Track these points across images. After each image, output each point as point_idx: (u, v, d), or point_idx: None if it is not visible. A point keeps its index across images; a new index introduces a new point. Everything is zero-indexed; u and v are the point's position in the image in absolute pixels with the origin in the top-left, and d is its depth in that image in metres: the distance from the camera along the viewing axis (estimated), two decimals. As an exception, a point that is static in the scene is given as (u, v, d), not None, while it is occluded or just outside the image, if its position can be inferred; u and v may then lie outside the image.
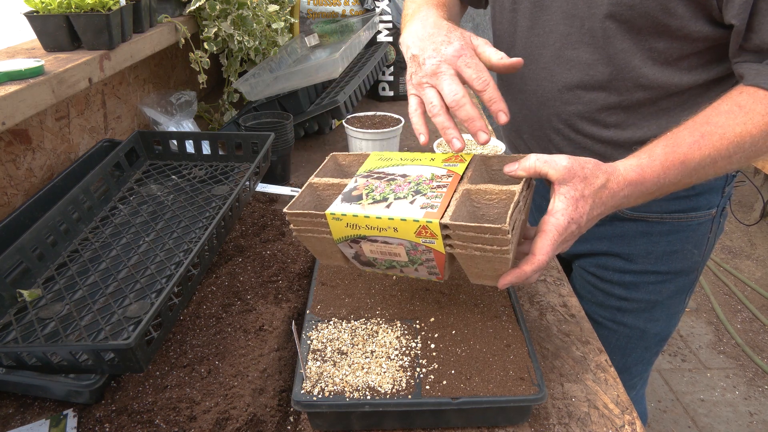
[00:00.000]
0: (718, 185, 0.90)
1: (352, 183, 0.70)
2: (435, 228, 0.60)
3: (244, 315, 0.78)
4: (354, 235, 0.65)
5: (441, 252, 0.62)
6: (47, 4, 0.98)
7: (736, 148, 0.66)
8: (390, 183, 0.68)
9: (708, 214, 0.91)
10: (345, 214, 0.63)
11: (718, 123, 0.66)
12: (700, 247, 0.93)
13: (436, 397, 0.61)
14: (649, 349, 1.02)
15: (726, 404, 2.05)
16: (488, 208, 0.66)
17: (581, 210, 0.61)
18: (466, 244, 0.59)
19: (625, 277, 0.96)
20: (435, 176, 0.67)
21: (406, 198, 0.64)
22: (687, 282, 0.96)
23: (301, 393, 0.61)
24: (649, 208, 0.89)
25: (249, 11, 1.33)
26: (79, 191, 0.89)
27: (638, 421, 0.66)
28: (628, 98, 0.80)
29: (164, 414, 0.63)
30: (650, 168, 0.65)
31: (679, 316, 1.00)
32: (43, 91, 0.85)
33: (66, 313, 0.74)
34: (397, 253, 0.64)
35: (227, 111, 1.49)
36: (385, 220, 0.61)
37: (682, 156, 0.65)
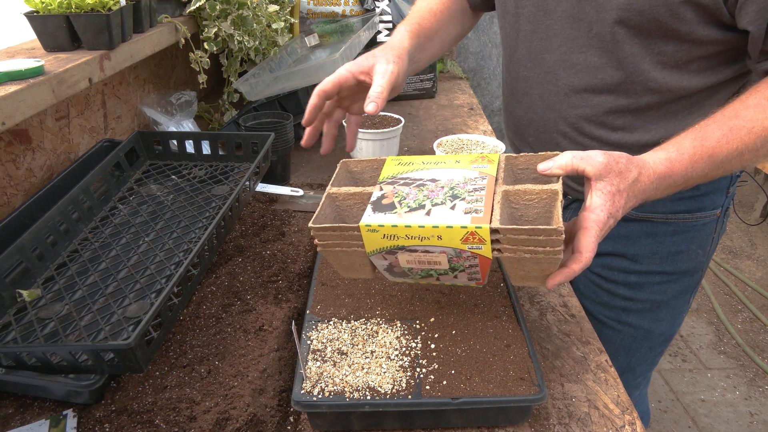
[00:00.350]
0: (723, 185, 0.90)
1: (378, 191, 0.66)
2: (485, 234, 0.57)
3: (244, 315, 0.78)
4: (391, 247, 0.62)
5: (487, 257, 0.60)
6: (47, 4, 0.98)
7: (763, 142, 0.67)
8: (421, 189, 0.65)
9: (713, 214, 0.91)
10: (383, 225, 0.60)
11: (746, 117, 0.67)
12: (704, 247, 0.94)
13: (436, 397, 0.60)
14: (654, 349, 1.03)
15: (726, 404, 2.05)
16: (527, 209, 0.65)
17: (618, 204, 0.62)
18: (516, 247, 0.58)
19: (630, 277, 0.96)
20: (468, 179, 0.65)
21: (444, 204, 0.61)
22: (692, 282, 0.97)
23: (301, 393, 0.61)
24: (654, 209, 0.90)
25: (249, 11, 1.33)
26: (79, 191, 0.89)
27: (638, 422, 0.66)
28: (637, 101, 0.80)
29: (164, 414, 0.63)
30: (679, 162, 0.66)
31: (683, 316, 1.01)
32: (43, 91, 0.85)
33: (66, 313, 0.74)
34: (438, 262, 0.62)
35: (227, 111, 1.49)
36: (428, 228, 0.58)
37: (710, 150, 0.66)
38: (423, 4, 0.96)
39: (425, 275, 0.65)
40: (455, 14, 0.98)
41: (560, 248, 0.57)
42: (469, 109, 1.70)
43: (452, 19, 0.97)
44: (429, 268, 0.64)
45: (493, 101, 2.72)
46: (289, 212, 1.08)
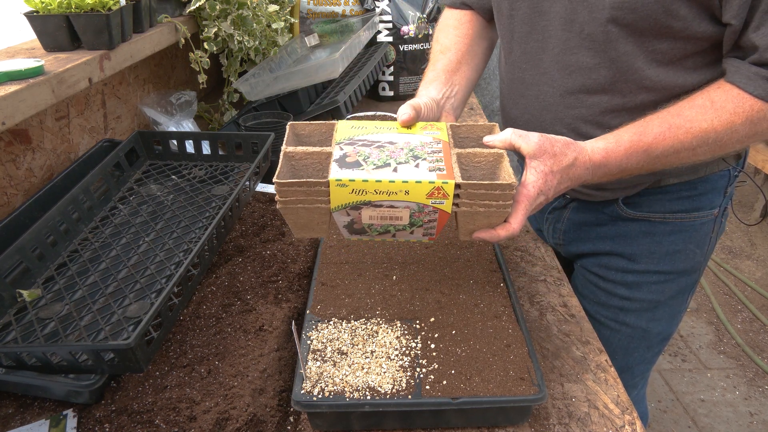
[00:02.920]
0: (720, 185, 0.90)
1: (339, 150, 0.68)
2: (449, 188, 0.63)
3: (244, 315, 0.78)
4: (357, 202, 0.64)
5: (446, 212, 0.65)
6: (47, 4, 0.98)
7: (699, 142, 0.71)
8: (382, 149, 0.68)
9: (710, 214, 0.92)
10: (353, 180, 0.62)
11: (687, 117, 0.71)
12: (702, 246, 0.94)
13: (436, 397, 0.61)
14: (651, 349, 1.03)
15: (726, 404, 2.05)
16: (475, 170, 0.70)
17: (549, 183, 0.68)
18: (473, 201, 0.64)
19: (627, 276, 0.96)
20: (424, 143, 0.70)
21: (407, 163, 0.65)
22: (689, 282, 0.97)
23: (301, 393, 0.61)
24: (651, 208, 0.91)
25: (249, 11, 1.33)
26: (79, 191, 0.89)
27: (638, 422, 0.66)
28: (632, 100, 0.80)
29: (164, 414, 0.63)
30: (615, 152, 0.71)
31: (681, 315, 1.01)
32: (43, 91, 0.85)
33: (66, 313, 0.74)
34: (400, 217, 0.66)
35: (227, 111, 1.49)
36: (398, 183, 0.62)
37: (646, 145, 0.71)
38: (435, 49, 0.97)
39: (383, 231, 0.69)
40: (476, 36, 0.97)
41: (510, 202, 0.64)
42: (469, 109, 1.70)
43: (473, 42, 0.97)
44: (389, 224, 0.67)
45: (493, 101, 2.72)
46: (289, 212, 1.08)
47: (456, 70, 0.92)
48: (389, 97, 1.75)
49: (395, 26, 1.67)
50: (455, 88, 0.90)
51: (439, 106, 0.85)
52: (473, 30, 0.97)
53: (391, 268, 0.82)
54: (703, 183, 0.89)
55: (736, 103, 0.70)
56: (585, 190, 0.93)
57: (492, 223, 0.67)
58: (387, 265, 0.83)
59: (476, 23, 0.98)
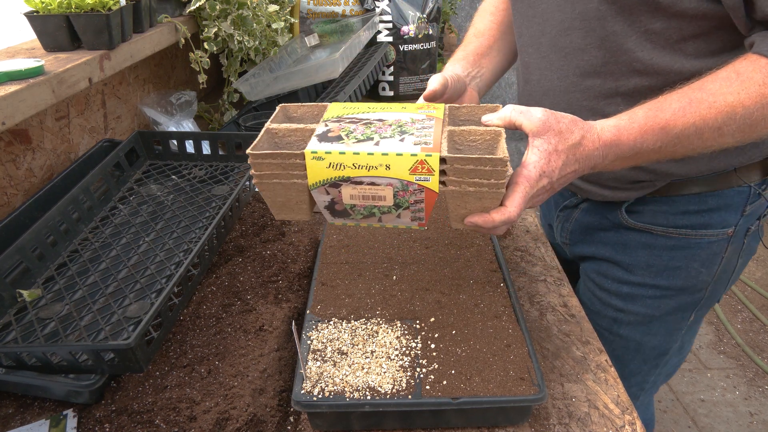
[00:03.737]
0: (737, 203, 0.83)
1: (322, 127, 0.64)
2: (434, 162, 0.57)
3: (244, 315, 0.78)
4: (335, 177, 0.59)
5: (433, 191, 0.59)
6: (47, 4, 0.98)
7: (726, 119, 0.62)
8: (368, 126, 0.63)
9: (722, 233, 0.84)
10: (330, 152, 0.58)
11: (711, 90, 0.63)
12: (709, 266, 0.87)
13: (436, 397, 0.61)
14: (647, 362, 0.99)
15: (726, 404, 2.05)
16: (471, 150, 0.64)
17: (554, 164, 0.60)
18: (461, 179, 0.58)
19: (623, 287, 0.93)
20: (415, 120, 0.65)
21: (393, 137, 0.60)
22: (691, 300, 0.91)
23: (301, 393, 0.61)
24: (654, 220, 0.86)
25: (249, 11, 1.33)
26: (79, 191, 0.89)
27: (638, 422, 0.66)
28: (625, 84, 0.76)
29: (164, 414, 0.63)
30: (627, 130, 0.63)
31: (680, 333, 0.96)
32: (43, 91, 0.85)
33: (66, 313, 0.74)
34: (383, 196, 0.61)
35: (227, 111, 1.49)
36: (377, 156, 0.57)
37: (663, 122, 0.63)
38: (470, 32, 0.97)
39: (368, 214, 0.64)
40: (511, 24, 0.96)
41: (504, 181, 0.57)
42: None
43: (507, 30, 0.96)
44: (373, 204, 0.62)
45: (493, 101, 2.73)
46: (289, 212, 1.08)
47: (485, 54, 0.91)
48: (389, 97, 1.75)
49: (395, 26, 1.67)
50: (482, 70, 0.89)
51: (463, 82, 0.82)
52: (509, 18, 0.95)
53: (391, 268, 0.82)
54: (715, 198, 0.82)
55: (765, 73, 0.61)
56: (597, 189, 0.90)
57: (485, 206, 0.60)
58: (387, 265, 0.83)
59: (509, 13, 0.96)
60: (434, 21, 1.72)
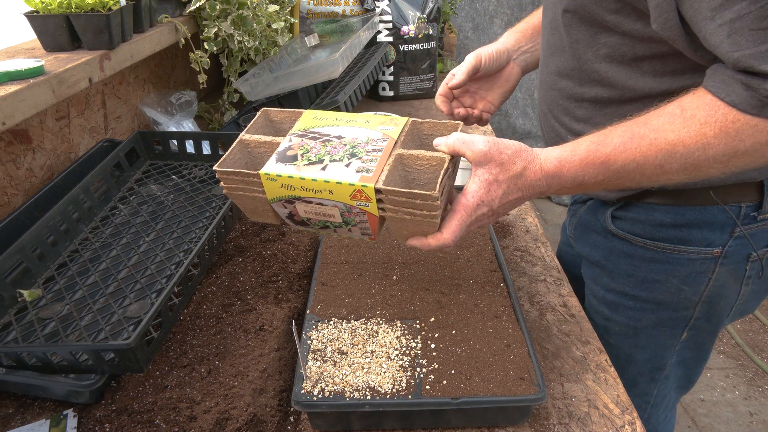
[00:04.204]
0: (722, 221, 0.78)
1: (286, 142, 0.69)
2: (370, 192, 0.61)
3: (244, 315, 0.78)
4: (289, 196, 0.65)
5: (375, 215, 0.64)
6: (47, 4, 0.98)
7: (666, 157, 0.61)
8: (325, 144, 0.68)
9: (706, 252, 0.80)
10: (280, 175, 0.63)
11: (653, 126, 0.61)
12: (693, 285, 0.83)
13: (436, 397, 0.61)
14: (643, 375, 0.95)
15: (726, 404, 2.05)
16: (419, 173, 0.67)
17: (494, 193, 0.63)
18: (397, 208, 0.62)
19: (608, 295, 0.92)
20: (371, 139, 0.68)
21: (341, 161, 0.64)
22: (675, 317, 0.87)
23: (301, 393, 0.61)
24: (633, 230, 0.84)
25: (249, 11, 1.33)
26: (79, 191, 0.89)
27: (638, 422, 0.66)
28: (588, 91, 0.77)
29: (164, 414, 0.63)
30: (569, 163, 0.64)
31: (673, 349, 0.92)
32: (43, 91, 0.85)
33: (66, 313, 0.74)
34: (332, 215, 0.66)
35: (227, 111, 1.49)
36: (320, 182, 0.62)
37: (604, 156, 0.63)
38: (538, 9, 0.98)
39: (323, 226, 0.69)
40: None
41: (436, 213, 0.61)
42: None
43: None
44: (325, 219, 0.68)
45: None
46: (289, 212, 1.08)
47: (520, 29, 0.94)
48: (389, 97, 1.76)
49: (395, 26, 1.67)
50: (535, 46, 0.92)
51: (508, 55, 0.89)
52: None
53: (391, 268, 0.82)
54: (694, 212, 0.79)
55: (708, 112, 0.59)
56: None
57: (423, 230, 0.64)
58: (387, 265, 0.83)
59: None
60: (434, 21, 1.72)
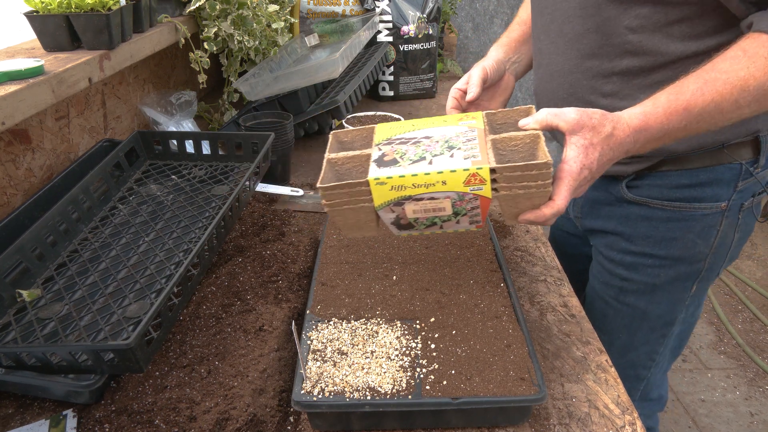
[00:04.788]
0: (727, 178, 0.89)
1: (377, 152, 0.71)
2: (485, 174, 0.63)
3: (244, 315, 0.78)
4: (398, 198, 0.66)
5: (487, 197, 0.65)
6: (47, 4, 0.98)
7: (740, 92, 0.69)
8: (417, 145, 0.70)
9: (715, 206, 0.91)
10: (390, 177, 0.65)
11: (722, 69, 0.69)
12: (705, 238, 0.94)
13: (437, 398, 0.60)
14: (655, 331, 1.05)
15: (727, 404, 2.05)
16: (513, 153, 0.70)
17: (591, 157, 0.67)
18: (511, 184, 0.64)
19: (626, 257, 1.00)
20: (459, 133, 0.71)
21: (443, 154, 0.66)
22: (690, 271, 0.97)
23: (301, 393, 0.61)
24: (650, 194, 0.93)
25: (249, 11, 1.33)
26: (78, 191, 0.89)
27: (638, 422, 0.66)
28: (618, 64, 0.83)
29: (164, 414, 0.63)
30: (653, 115, 0.70)
31: (683, 304, 1.02)
32: (42, 91, 0.85)
33: (65, 313, 0.74)
34: (442, 208, 0.67)
35: (227, 111, 1.49)
36: (433, 175, 0.64)
37: (685, 103, 0.69)
38: (514, 21, 1.08)
39: (430, 224, 0.70)
40: None
41: (549, 181, 0.63)
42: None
43: None
44: (434, 215, 0.68)
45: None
46: (289, 212, 1.08)
47: (525, 42, 1.03)
48: (389, 97, 1.75)
49: (395, 26, 1.67)
50: (521, 56, 1.02)
51: (504, 66, 0.96)
52: None
53: (391, 268, 0.82)
54: (706, 172, 0.89)
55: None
56: None
57: (535, 203, 0.67)
58: (387, 265, 0.83)
59: None
60: (434, 21, 1.72)
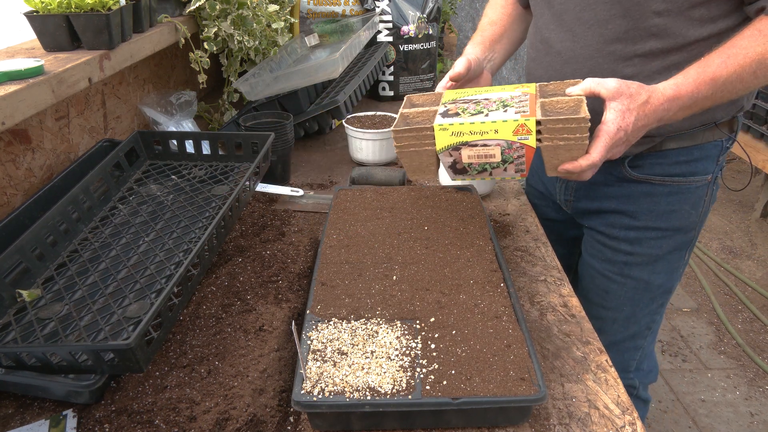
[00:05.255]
0: (713, 154, 1.02)
1: (442, 108, 0.84)
2: (531, 125, 0.75)
3: (244, 315, 0.78)
4: (457, 143, 0.79)
5: (532, 147, 0.76)
6: (47, 4, 0.98)
7: (758, 65, 0.80)
8: (477, 104, 0.82)
9: (704, 179, 1.03)
10: (452, 124, 0.78)
11: (741, 45, 0.81)
12: (696, 208, 1.05)
13: (437, 398, 0.60)
14: (655, 300, 1.14)
15: (726, 404, 2.05)
16: (558, 113, 0.79)
17: (628, 120, 0.77)
18: (552, 136, 0.75)
19: (629, 233, 1.07)
20: (513, 96, 0.83)
21: (498, 110, 0.79)
22: (685, 239, 1.08)
23: (301, 393, 0.61)
24: (653, 171, 1.02)
25: (249, 11, 1.33)
26: (78, 191, 0.89)
27: (638, 422, 0.66)
28: (642, 47, 0.91)
29: (164, 414, 0.63)
30: (685, 85, 0.80)
31: (680, 271, 1.13)
32: (42, 91, 0.85)
33: (66, 313, 0.74)
34: (493, 154, 0.79)
35: (227, 111, 1.49)
36: (488, 123, 0.76)
37: (712, 74, 0.80)
38: (484, 20, 1.17)
39: (481, 170, 0.82)
40: (517, 17, 1.17)
41: (587, 135, 0.74)
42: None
43: (514, 21, 1.16)
44: (485, 161, 0.80)
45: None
46: (289, 212, 1.08)
47: (498, 41, 1.13)
48: (389, 97, 1.75)
49: (395, 26, 1.67)
50: (495, 54, 1.12)
51: (481, 64, 1.04)
52: (515, 12, 1.16)
53: (391, 268, 0.82)
54: (699, 150, 1.00)
55: None
56: None
57: (573, 156, 0.76)
58: (387, 265, 0.83)
59: (517, 7, 1.17)
60: (434, 21, 1.72)
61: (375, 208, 0.98)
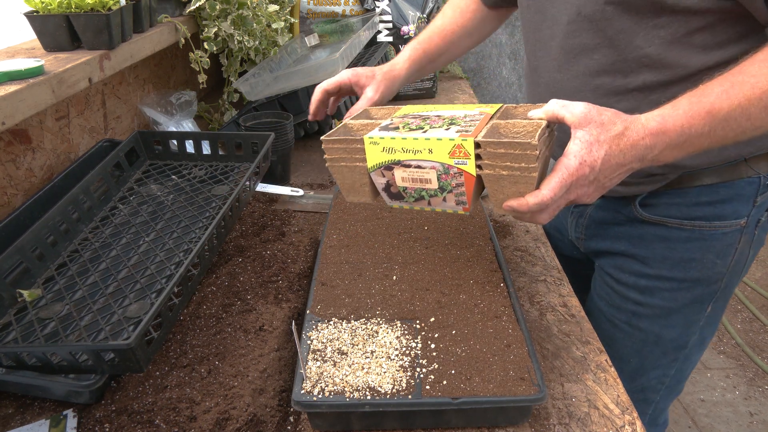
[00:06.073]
0: (748, 193, 0.84)
1: (388, 121, 0.75)
2: (469, 146, 0.63)
3: (244, 315, 0.78)
4: (388, 161, 0.69)
5: (471, 174, 0.65)
6: (47, 4, 0.98)
7: None
8: (425, 120, 0.73)
9: (735, 224, 0.86)
10: (383, 138, 0.68)
11: (751, 72, 0.63)
12: (724, 258, 0.88)
13: (436, 397, 0.61)
14: (667, 355, 0.99)
15: (726, 404, 2.05)
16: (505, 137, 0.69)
17: (596, 154, 0.62)
18: (494, 163, 0.63)
19: (640, 281, 0.94)
20: (468, 114, 0.73)
21: (441, 128, 0.69)
22: (707, 292, 0.92)
23: (301, 393, 0.61)
24: (669, 213, 0.87)
25: (249, 11, 1.33)
26: (79, 191, 0.89)
27: (638, 422, 0.66)
28: (634, 80, 0.77)
29: (164, 414, 0.63)
30: (672, 118, 0.64)
31: (698, 325, 0.96)
32: (43, 91, 0.85)
33: (66, 313, 0.74)
34: (429, 179, 0.68)
35: (227, 111, 1.49)
36: (421, 140, 0.66)
37: (709, 106, 0.63)
38: (437, 23, 1.06)
39: (418, 197, 0.72)
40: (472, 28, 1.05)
41: (535, 165, 0.61)
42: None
43: (465, 35, 1.05)
44: (421, 187, 0.70)
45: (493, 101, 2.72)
46: (289, 212, 1.08)
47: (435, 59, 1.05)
48: (389, 97, 1.75)
49: (395, 26, 1.67)
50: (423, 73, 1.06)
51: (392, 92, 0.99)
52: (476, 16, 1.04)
53: (391, 268, 0.82)
54: (727, 188, 0.83)
55: None
56: None
57: (521, 191, 0.63)
58: (387, 265, 0.83)
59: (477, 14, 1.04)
60: (434, 21, 1.72)
61: (375, 207, 0.98)
